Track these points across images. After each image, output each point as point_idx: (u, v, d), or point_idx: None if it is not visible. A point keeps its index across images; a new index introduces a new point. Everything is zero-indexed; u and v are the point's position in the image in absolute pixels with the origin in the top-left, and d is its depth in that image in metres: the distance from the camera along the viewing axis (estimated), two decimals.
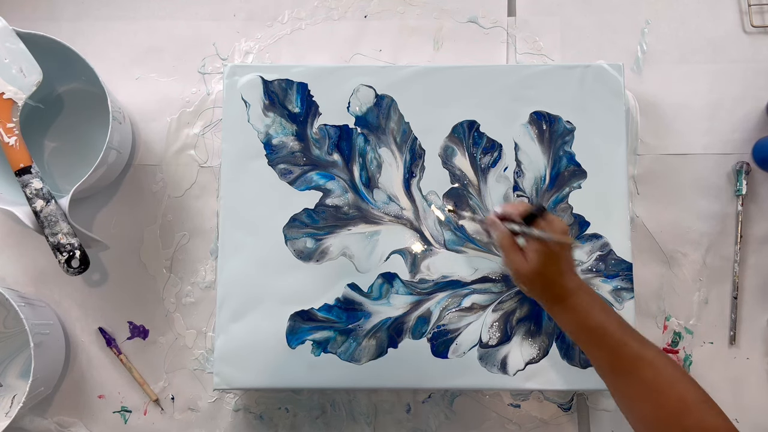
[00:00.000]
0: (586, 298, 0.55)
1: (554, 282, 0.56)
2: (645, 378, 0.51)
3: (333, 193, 0.68)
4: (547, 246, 0.55)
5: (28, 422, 0.72)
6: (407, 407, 0.72)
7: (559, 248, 0.55)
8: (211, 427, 0.72)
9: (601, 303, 0.55)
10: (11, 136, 0.64)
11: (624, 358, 0.52)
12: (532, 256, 0.56)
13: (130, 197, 0.75)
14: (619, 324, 0.54)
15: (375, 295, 0.67)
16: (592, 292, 0.56)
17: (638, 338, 0.53)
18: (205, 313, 0.73)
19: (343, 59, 0.78)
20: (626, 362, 0.52)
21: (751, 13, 0.78)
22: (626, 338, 0.53)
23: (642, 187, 0.75)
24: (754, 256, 0.74)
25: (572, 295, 0.55)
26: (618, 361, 0.53)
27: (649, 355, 0.52)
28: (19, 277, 0.74)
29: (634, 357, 0.52)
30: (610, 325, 0.54)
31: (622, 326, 0.54)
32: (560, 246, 0.55)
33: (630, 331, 0.54)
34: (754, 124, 0.76)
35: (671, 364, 0.52)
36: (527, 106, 0.70)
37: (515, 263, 0.57)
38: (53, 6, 0.79)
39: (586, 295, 0.55)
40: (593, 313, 0.54)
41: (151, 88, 0.77)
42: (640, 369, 0.52)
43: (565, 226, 0.57)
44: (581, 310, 0.55)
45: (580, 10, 0.79)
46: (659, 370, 0.51)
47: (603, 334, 0.53)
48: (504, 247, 0.58)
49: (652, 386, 0.51)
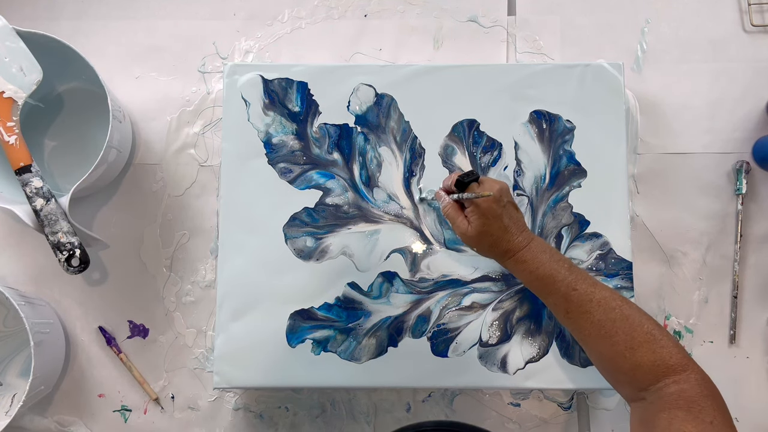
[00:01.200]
0: (535, 251, 0.58)
1: (500, 238, 0.58)
2: (595, 319, 0.54)
3: (333, 192, 0.68)
4: (483, 206, 0.58)
5: (28, 421, 0.72)
6: (407, 406, 0.72)
7: (497, 207, 0.58)
8: (211, 426, 0.72)
9: (552, 254, 0.58)
10: (11, 134, 0.64)
11: (574, 302, 0.56)
12: (472, 218, 0.59)
13: (130, 196, 0.75)
14: (568, 271, 0.57)
15: (375, 294, 0.67)
16: (542, 244, 0.59)
17: (588, 282, 0.56)
18: (205, 312, 0.73)
19: (343, 58, 0.78)
20: (577, 305, 0.56)
21: (751, 13, 0.78)
22: (576, 283, 0.56)
23: (642, 186, 0.75)
24: (754, 255, 0.74)
25: (521, 249, 0.58)
26: (570, 305, 0.56)
27: (597, 296, 0.55)
28: (19, 276, 0.74)
29: (584, 300, 0.55)
30: (559, 273, 0.56)
31: (572, 272, 0.57)
32: (497, 204, 0.58)
33: (580, 276, 0.56)
34: (754, 123, 0.76)
35: (620, 304, 0.55)
36: (527, 105, 0.70)
37: (460, 228, 0.60)
38: (53, 5, 0.79)
39: (536, 248, 0.58)
40: (542, 263, 0.57)
41: (151, 87, 0.77)
42: (591, 311, 0.55)
43: (495, 185, 0.59)
44: (531, 261, 0.57)
45: (580, 9, 0.79)
46: (608, 311, 0.54)
47: (553, 281, 0.56)
48: (447, 216, 0.61)
49: (603, 326, 0.54)
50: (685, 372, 0.50)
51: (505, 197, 0.59)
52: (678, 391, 0.49)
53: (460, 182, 0.60)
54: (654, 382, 0.51)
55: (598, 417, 0.72)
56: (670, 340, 0.52)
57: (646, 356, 0.52)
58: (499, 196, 0.58)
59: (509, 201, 0.60)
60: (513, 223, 0.59)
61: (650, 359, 0.51)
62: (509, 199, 0.60)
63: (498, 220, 0.58)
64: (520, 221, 0.60)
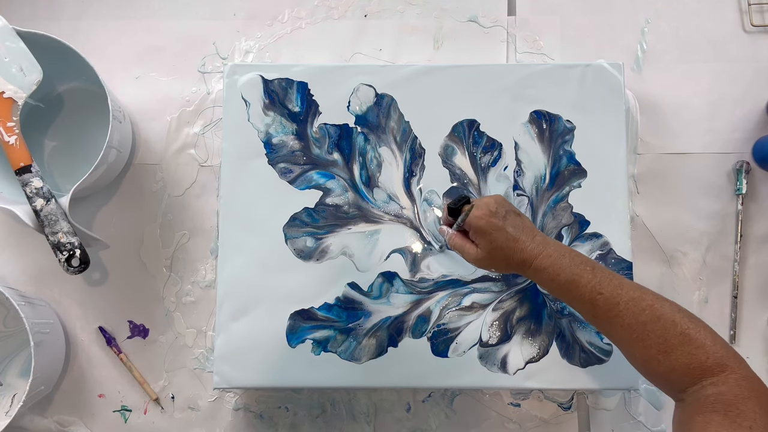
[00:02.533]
0: (553, 256, 0.55)
1: (512, 249, 0.56)
2: (625, 323, 0.52)
3: (333, 192, 0.68)
4: (481, 224, 0.56)
5: (28, 421, 0.72)
6: (407, 406, 0.72)
7: (496, 219, 0.56)
8: (211, 426, 0.72)
9: (572, 257, 0.55)
10: (11, 135, 0.64)
11: (600, 306, 0.53)
12: (477, 241, 0.58)
13: (130, 196, 0.75)
14: (592, 273, 0.54)
15: (375, 294, 0.67)
16: (561, 248, 0.56)
17: (614, 283, 0.53)
18: (205, 312, 0.73)
19: (343, 58, 0.78)
20: (604, 310, 0.53)
21: (751, 13, 0.78)
22: (601, 287, 0.53)
23: (642, 186, 0.75)
24: (754, 255, 0.74)
25: (536, 257, 0.55)
26: (597, 311, 0.53)
27: (624, 298, 0.52)
28: (19, 276, 0.74)
29: (610, 304, 0.52)
30: (582, 277, 0.54)
31: (596, 274, 0.54)
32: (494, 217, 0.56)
33: (605, 278, 0.54)
34: (754, 123, 0.76)
35: (651, 303, 0.52)
36: (527, 105, 0.70)
37: (470, 254, 0.59)
38: (53, 5, 0.79)
39: (554, 252, 0.55)
40: (563, 268, 0.54)
41: (151, 87, 0.77)
42: (620, 314, 0.52)
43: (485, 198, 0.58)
44: (551, 268, 0.55)
45: (580, 9, 0.79)
46: (638, 313, 0.51)
47: (576, 286, 0.54)
48: (455, 247, 0.60)
49: (633, 329, 0.51)
50: (723, 373, 0.47)
51: (501, 208, 0.57)
52: (715, 393, 0.47)
53: (451, 209, 0.59)
54: (691, 384, 0.49)
55: (598, 417, 0.72)
56: (709, 338, 0.49)
57: (681, 359, 0.49)
58: (495, 208, 0.57)
59: (509, 210, 0.58)
60: (520, 231, 0.57)
61: (685, 362, 0.49)
62: (508, 209, 0.58)
63: (501, 231, 0.56)
64: (528, 227, 0.57)
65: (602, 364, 0.66)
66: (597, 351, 0.66)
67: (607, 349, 0.66)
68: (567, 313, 0.66)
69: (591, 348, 0.66)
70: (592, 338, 0.66)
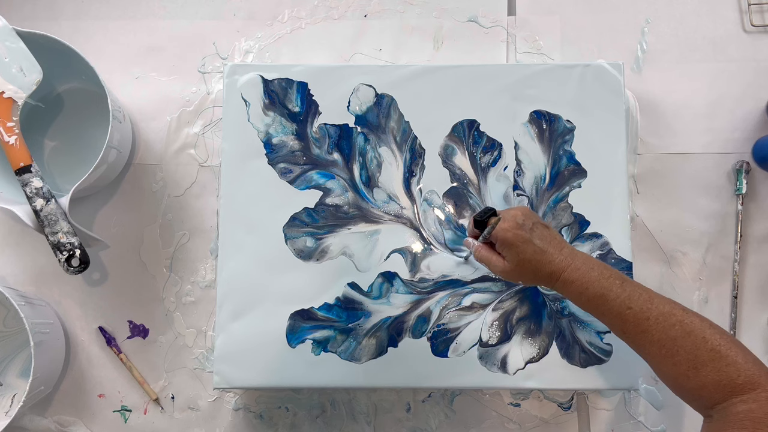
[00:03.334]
0: (582, 269, 0.55)
1: (539, 262, 0.56)
2: (654, 338, 0.51)
3: (333, 192, 0.68)
4: (508, 236, 0.56)
5: (28, 421, 0.72)
6: (407, 406, 0.72)
7: (523, 232, 0.56)
8: (211, 426, 0.72)
9: (601, 270, 0.55)
10: (11, 135, 0.64)
11: (630, 321, 0.52)
12: (504, 254, 0.58)
13: (130, 196, 0.75)
14: (621, 287, 0.53)
15: (375, 294, 0.67)
16: (589, 261, 0.56)
17: (644, 297, 0.53)
18: (205, 312, 0.73)
19: (343, 58, 0.78)
20: (633, 325, 0.52)
21: (751, 13, 0.78)
22: (630, 301, 0.52)
23: (642, 186, 0.75)
24: (754, 255, 0.74)
25: (564, 270, 0.55)
26: (626, 325, 0.53)
27: (654, 313, 0.51)
28: (19, 276, 0.74)
29: (640, 319, 0.52)
30: (611, 291, 0.53)
31: (625, 288, 0.53)
32: (521, 229, 0.56)
33: (634, 292, 0.53)
34: (754, 123, 0.76)
35: (681, 318, 0.51)
36: (527, 105, 0.70)
37: (497, 266, 0.58)
38: (53, 5, 0.79)
39: (582, 265, 0.55)
40: (591, 281, 0.54)
41: (151, 87, 0.77)
42: (649, 330, 0.51)
43: (511, 211, 0.58)
44: (579, 281, 0.54)
45: (580, 9, 0.79)
46: (667, 328, 0.51)
47: (605, 300, 0.53)
48: (481, 260, 0.60)
49: (663, 345, 0.51)
50: (754, 390, 0.47)
51: (528, 220, 0.57)
52: (745, 411, 0.46)
53: (477, 221, 0.59)
54: (720, 401, 0.48)
55: (598, 417, 0.72)
56: (740, 355, 0.48)
57: (711, 375, 0.48)
58: (521, 220, 0.56)
59: (536, 222, 0.57)
60: (548, 244, 0.56)
61: (715, 378, 0.48)
62: (536, 221, 0.57)
63: (529, 244, 0.56)
64: (556, 239, 0.57)
65: (602, 364, 0.66)
66: (597, 351, 0.66)
67: (607, 349, 0.66)
68: (567, 313, 0.66)
69: (591, 348, 0.66)
70: (592, 338, 0.66)
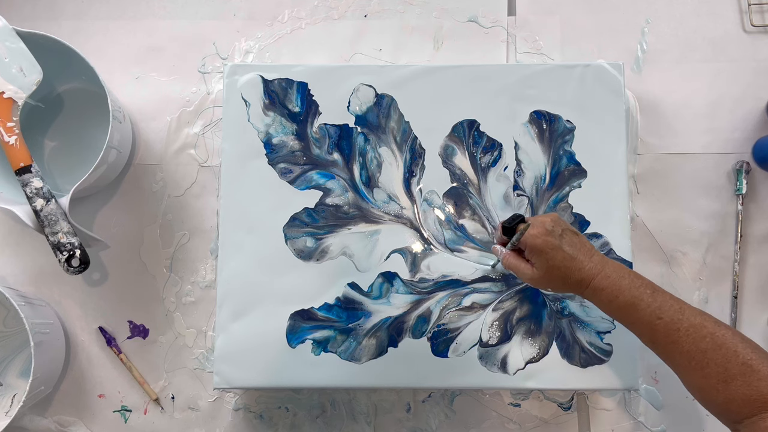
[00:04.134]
0: (612, 277, 0.54)
1: (569, 268, 0.55)
2: (684, 350, 0.51)
3: (333, 192, 0.68)
4: (538, 243, 0.56)
5: (28, 421, 0.72)
6: (407, 406, 0.72)
7: (552, 238, 0.55)
8: (211, 426, 0.72)
9: (632, 278, 0.54)
10: (11, 135, 0.64)
11: (660, 331, 0.52)
12: (533, 259, 0.57)
13: (130, 196, 0.75)
14: (652, 297, 0.53)
15: (375, 294, 0.67)
16: (620, 268, 0.55)
17: (675, 308, 0.52)
18: (205, 312, 0.73)
19: (343, 58, 0.78)
20: (663, 335, 0.52)
21: (751, 13, 0.78)
22: (661, 311, 0.52)
23: (642, 186, 0.75)
24: (754, 255, 0.74)
25: (594, 277, 0.55)
26: (656, 335, 0.52)
27: (685, 324, 0.51)
28: (19, 276, 0.74)
29: (670, 329, 0.51)
30: (641, 301, 0.53)
31: (656, 298, 0.53)
32: (550, 236, 0.55)
33: (665, 302, 0.53)
34: (754, 123, 0.76)
35: (712, 330, 0.50)
36: (527, 105, 0.70)
37: (525, 273, 0.58)
38: (53, 5, 0.79)
39: (613, 273, 0.54)
40: (621, 290, 0.53)
41: (151, 87, 0.77)
42: (679, 341, 0.51)
43: (540, 217, 0.57)
44: (609, 289, 0.54)
45: (580, 9, 0.79)
46: (698, 340, 0.50)
47: (635, 309, 0.53)
48: (510, 267, 0.59)
49: (693, 356, 0.50)
50: None
51: (558, 227, 0.56)
52: None
53: (506, 228, 0.59)
54: (749, 415, 0.47)
55: (598, 417, 0.72)
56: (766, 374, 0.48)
57: (741, 390, 0.48)
58: (551, 227, 0.56)
59: (565, 229, 0.57)
60: (578, 250, 0.56)
61: (745, 393, 0.48)
62: (565, 227, 0.57)
63: (558, 250, 0.55)
64: (586, 246, 0.57)
65: (602, 364, 0.66)
66: (597, 351, 0.66)
67: (607, 350, 0.66)
68: (567, 314, 0.66)
69: (591, 348, 0.66)
70: (592, 338, 0.66)
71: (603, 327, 0.66)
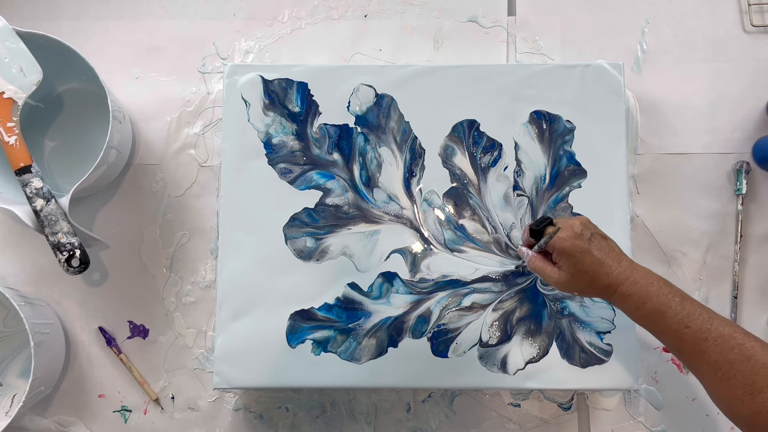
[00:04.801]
0: (641, 283, 0.54)
1: (597, 273, 0.55)
2: (711, 360, 0.50)
3: (333, 192, 0.68)
4: (566, 246, 0.55)
5: (28, 421, 0.72)
6: (407, 406, 0.72)
7: (581, 242, 0.55)
8: (211, 426, 0.72)
9: (661, 285, 0.53)
10: (11, 135, 0.64)
11: (687, 340, 0.51)
12: (560, 262, 0.56)
13: (130, 196, 0.75)
14: (680, 305, 0.52)
15: (375, 294, 0.67)
16: (649, 275, 0.54)
17: (703, 317, 0.51)
18: (205, 312, 0.73)
19: (343, 59, 0.78)
20: (691, 344, 0.51)
21: (751, 13, 0.78)
22: (689, 320, 0.51)
23: (642, 186, 0.75)
24: (754, 255, 0.74)
25: (623, 283, 0.54)
26: (683, 344, 0.51)
27: (713, 334, 0.50)
28: (19, 276, 0.74)
29: (698, 339, 0.50)
30: (670, 308, 0.52)
31: (684, 306, 0.52)
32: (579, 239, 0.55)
33: (694, 311, 0.52)
34: (754, 123, 0.76)
35: (741, 342, 0.50)
36: (527, 105, 0.70)
37: (552, 277, 0.57)
38: (53, 5, 0.79)
39: (642, 279, 0.54)
40: (650, 296, 0.53)
41: (151, 87, 0.77)
42: (706, 351, 0.50)
43: (569, 220, 0.57)
44: (637, 295, 0.53)
45: (580, 9, 0.79)
46: (726, 351, 0.49)
47: (663, 317, 0.52)
48: (535, 269, 0.59)
49: (719, 367, 0.49)
50: None
51: (587, 230, 0.56)
52: None
53: (533, 231, 0.58)
54: None
55: (598, 417, 0.72)
56: None
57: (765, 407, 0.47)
58: (580, 230, 0.55)
59: (594, 232, 0.56)
60: (606, 255, 0.55)
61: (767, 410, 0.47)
62: (594, 231, 0.57)
63: (587, 254, 0.55)
64: (615, 251, 0.56)
65: (602, 365, 0.66)
66: (597, 351, 0.66)
67: (607, 350, 0.66)
68: (567, 314, 0.66)
69: (591, 348, 0.66)
70: (592, 338, 0.66)
71: (603, 327, 0.66)
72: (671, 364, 0.72)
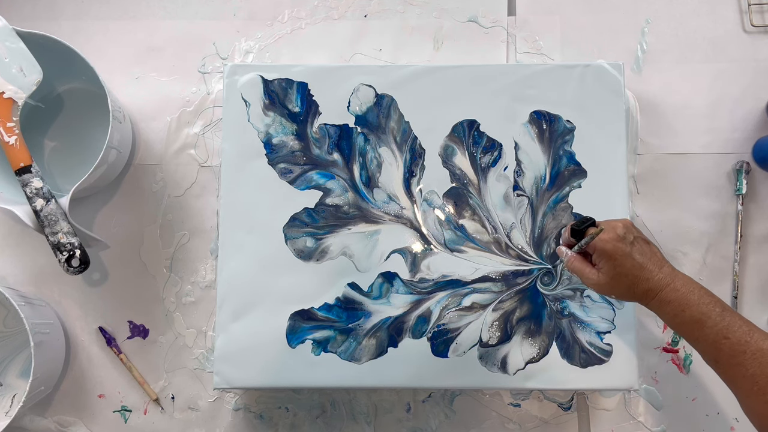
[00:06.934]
0: (681, 290, 0.53)
1: (637, 277, 0.54)
2: (748, 373, 0.49)
3: (333, 192, 0.68)
4: (608, 248, 0.54)
5: (28, 421, 0.72)
6: (407, 406, 0.72)
7: (623, 245, 0.54)
8: (211, 426, 0.72)
9: (701, 293, 0.53)
10: (11, 135, 0.64)
11: (725, 351, 0.50)
12: (600, 264, 0.56)
13: (130, 197, 0.75)
14: (720, 315, 0.51)
15: (375, 294, 0.67)
16: (689, 282, 0.54)
17: (743, 329, 0.50)
18: (205, 312, 0.73)
19: (343, 59, 0.78)
20: (728, 356, 0.50)
21: (751, 13, 0.78)
22: (728, 330, 0.50)
23: (642, 186, 0.75)
24: (754, 255, 0.74)
25: (663, 289, 0.53)
26: (720, 355, 0.51)
27: (752, 347, 0.49)
28: (19, 277, 0.74)
29: (736, 351, 0.50)
30: (709, 318, 0.51)
31: (724, 317, 0.51)
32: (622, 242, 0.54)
33: (733, 322, 0.51)
34: (754, 123, 0.76)
35: None
36: (527, 105, 0.70)
37: (590, 279, 0.57)
38: (53, 5, 0.79)
39: (682, 287, 0.53)
40: (689, 304, 0.52)
41: (151, 87, 0.77)
42: (744, 363, 0.49)
43: (612, 222, 0.56)
44: (676, 302, 0.52)
45: (580, 9, 0.79)
46: (765, 365, 0.48)
47: (701, 326, 0.51)
48: (574, 270, 0.59)
49: (757, 381, 0.48)
50: None
51: (630, 233, 0.55)
52: None
53: (575, 230, 0.58)
54: None
55: (598, 417, 0.72)
56: None
57: None
58: (623, 233, 0.55)
59: (637, 236, 0.56)
60: (648, 260, 0.54)
61: None
62: (637, 234, 0.56)
63: (628, 258, 0.54)
64: (657, 256, 0.55)
65: (602, 364, 0.66)
66: (597, 351, 0.66)
67: (607, 350, 0.66)
68: (567, 314, 0.66)
69: (591, 348, 0.66)
70: (592, 338, 0.66)
71: (603, 327, 0.66)
72: (671, 364, 0.72)
